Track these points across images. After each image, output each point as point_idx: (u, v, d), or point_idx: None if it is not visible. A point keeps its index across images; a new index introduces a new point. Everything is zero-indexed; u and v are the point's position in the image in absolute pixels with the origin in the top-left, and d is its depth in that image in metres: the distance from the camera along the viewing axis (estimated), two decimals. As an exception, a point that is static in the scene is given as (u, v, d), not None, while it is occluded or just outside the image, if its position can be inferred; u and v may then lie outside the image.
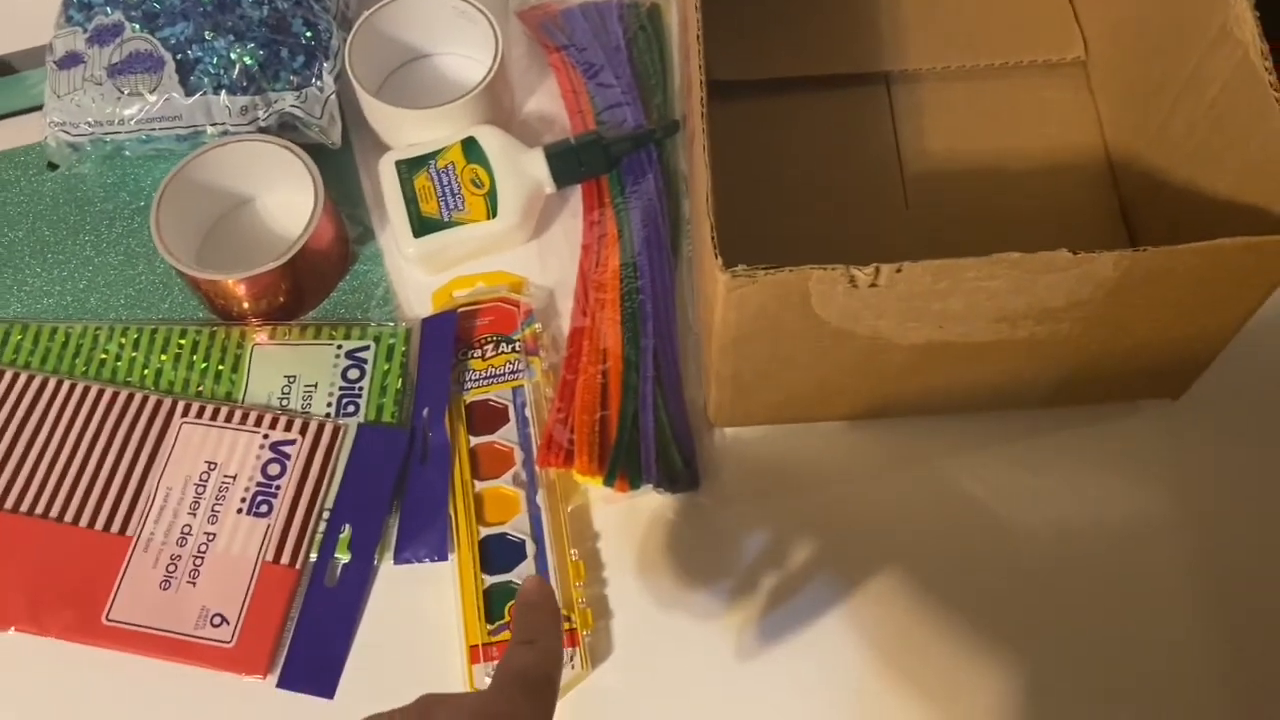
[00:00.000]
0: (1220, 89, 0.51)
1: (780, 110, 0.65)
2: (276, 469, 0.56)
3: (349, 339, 0.60)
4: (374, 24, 0.65)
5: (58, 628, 0.53)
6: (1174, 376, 0.55)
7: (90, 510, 0.55)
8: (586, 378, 0.57)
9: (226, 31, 0.62)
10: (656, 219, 0.61)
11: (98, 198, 0.66)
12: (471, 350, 0.59)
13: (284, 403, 0.58)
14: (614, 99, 0.66)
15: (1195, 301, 0.47)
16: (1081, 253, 0.43)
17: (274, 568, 0.54)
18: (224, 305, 0.60)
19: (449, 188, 0.61)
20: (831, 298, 0.45)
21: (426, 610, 0.53)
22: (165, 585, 0.53)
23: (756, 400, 0.55)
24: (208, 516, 0.55)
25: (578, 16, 0.69)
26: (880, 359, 0.50)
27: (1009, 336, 0.49)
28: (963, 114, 0.65)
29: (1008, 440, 0.57)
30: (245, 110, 0.62)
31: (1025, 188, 0.63)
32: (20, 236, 0.65)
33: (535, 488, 0.55)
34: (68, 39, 0.63)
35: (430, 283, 0.62)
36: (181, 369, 0.60)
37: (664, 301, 0.59)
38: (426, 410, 0.57)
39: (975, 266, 0.44)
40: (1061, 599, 0.53)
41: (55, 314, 0.62)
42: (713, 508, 0.55)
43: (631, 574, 0.54)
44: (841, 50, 0.66)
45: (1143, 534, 0.54)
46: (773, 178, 0.63)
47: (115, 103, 0.61)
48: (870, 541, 0.54)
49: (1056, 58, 0.66)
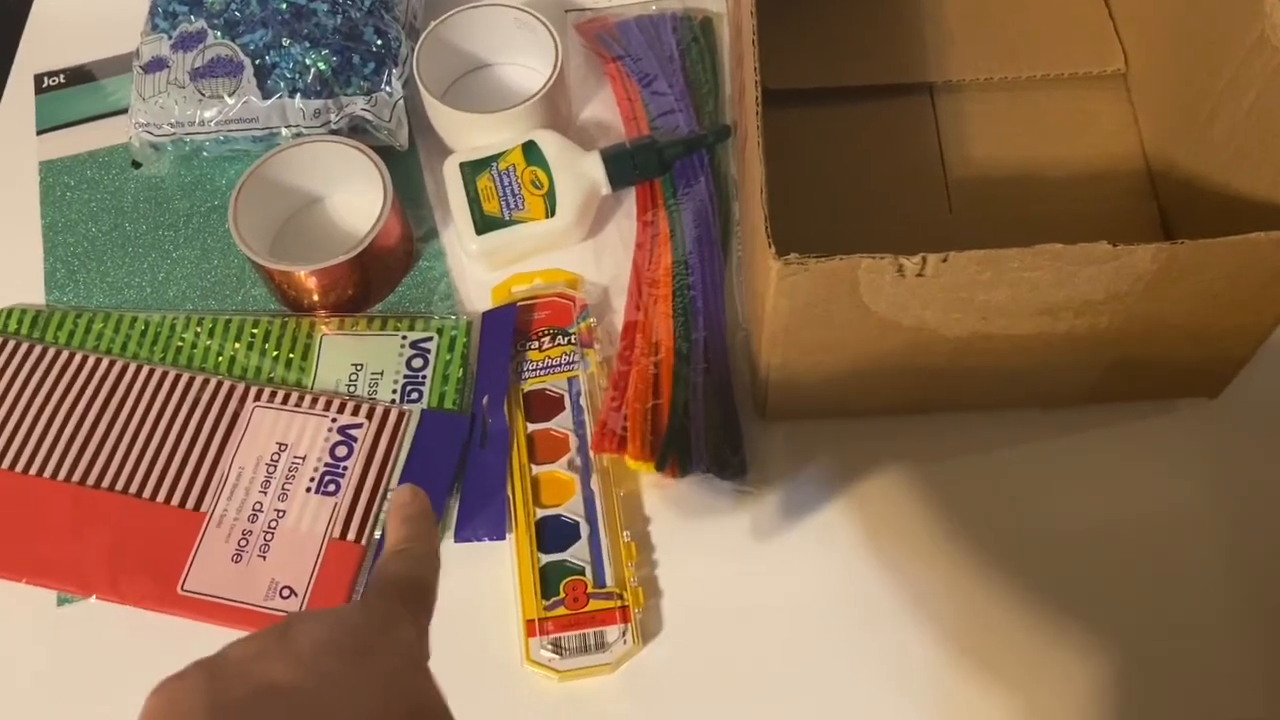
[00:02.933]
0: (1258, 95, 0.52)
1: (828, 119, 0.67)
2: (344, 451, 0.59)
3: (413, 330, 0.63)
4: (440, 34, 0.68)
5: (136, 596, 0.56)
6: (1211, 374, 0.57)
7: (168, 487, 0.58)
8: (640, 369, 0.59)
9: (302, 38, 0.65)
10: (708, 219, 0.64)
11: (176, 196, 0.69)
12: (529, 342, 0.62)
13: (351, 389, 0.61)
14: (667, 106, 0.68)
15: (1231, 296, 0.49)
16: (1120, 245, 0.45)
17: (340, 544, 0.56)
18: (295, 296, 0.64)
19: (510, 188, 0.64)
20: (880, 287, 0.48)
21: (485, 586, 0.56)
22: (237, 559, 0.56)
23: (803, 392, 0.57)
24: (278, 495, 0.58)
25: (633, 28, 0.72)
26: (925, 351, 0.52)
27: (1050, 329, 0.51)
28: (1005, 123, 0.67)
29: (1048, 436, 0.58)
30: (318, 113, 0.65)
31: (1065, 195, 0.64)
32: (104, 231, 0.68)
33: (589, 472, 0.58)
34: (154, 45, 0.67)
35: (490, 279, 0.65)
36: (254, 356, 0.63)
37: (714, 298, 0.62)
38: (486, 398, 0.60)
39: (1018, 257, 0.46)
40: (1099, 595, 0.54)
41: (135, 304, 0.66)
42: (760, 495, 0.57)
43: (681, 556, 0.56)
44: (887, 62, 0.69)
45: (1181, 531, 0.56)
46: (820, 183, 0.65)
47: (197, 105, 0.65)
48: (911, 533, 0.56)
49: (1097, 70, 0.68)
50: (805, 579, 0.55)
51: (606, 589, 0.54)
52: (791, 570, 0.56)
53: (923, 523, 0.57)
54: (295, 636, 0.33)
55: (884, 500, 0.57)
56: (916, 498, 0.57)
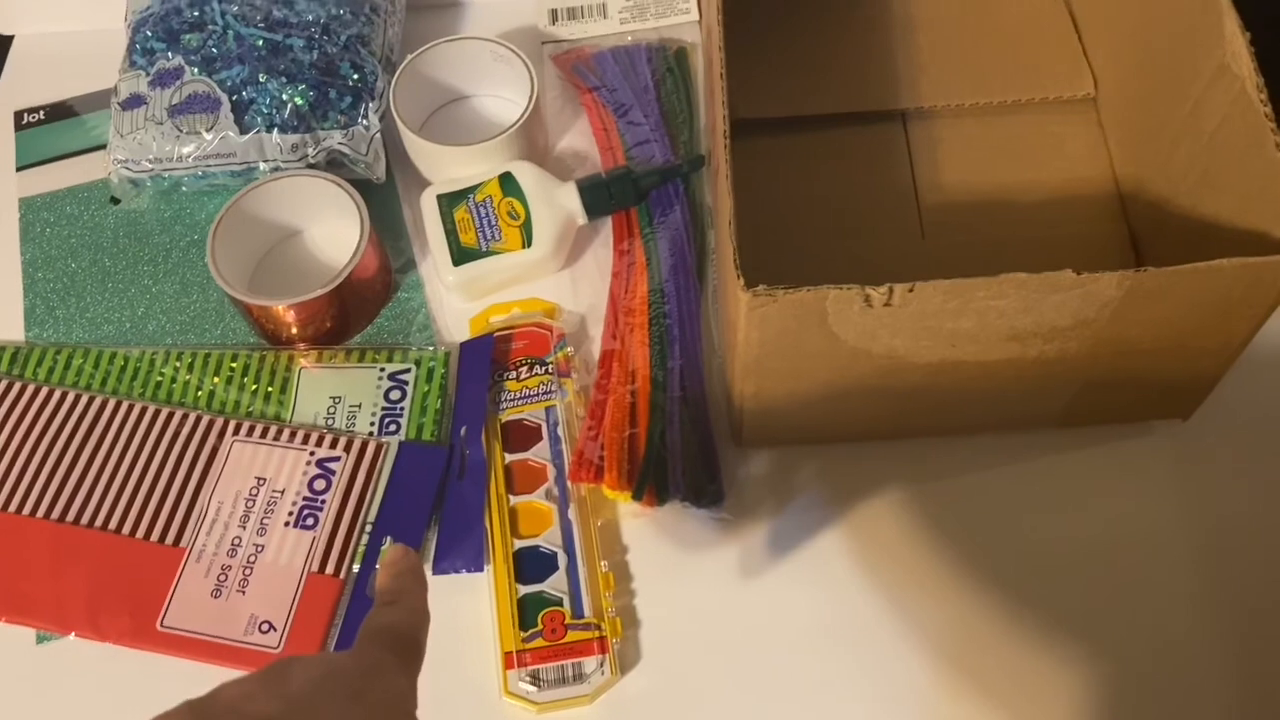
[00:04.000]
0: (1220, 122, 0.53)
1: (801, 146, 0.68)
2: (322, 484, 0.59)
3: (391, 362, 0.63)
4: (417, 67, 0.69)
5: (115, 633, 0.56)
6: (1182, 396, 0.57)
7: (147, 523, 0.58)
8: (616, 397, 0.60)
9: (279, 74, 0.65)
10: (683, 248, 0.64)
11: (155, 230, 0.70)
12: (507, 372, 0.62)
13: (329, 422, 0.61)
14: (643, 136, 0.69)
15: (1197, 321, 0.50)
16: (1085, 273, 0.46)
17: (319, 578, 0.56)
18: (273, 330, 0.64)
19: (487, 219, 0.65)
20: (848, 317, 0.48)
21: (463, 618, 0.56)
22: (216, 594, 0.56)
23: (778, 419, 0.57)
24: (257, 529, 0.58)
25: (608, 59, 0.73)
26: (897, 378, 0.53)
27: (1019, 355, 0.51)
28: (977, 149, 0.68)
29: (1024, 459, 0.59)
30: (295, 148, 0.65)
31: (1038, 219, 0.65)
32: (83, 267, 0.69)
33: (567, 502, 0.58)
34: (131, 81, 0.67)
35: (468, 309, 0.66)
36: (233, 390, 0.63)
37: (690, 326, 0.62)
38: (464, 429, 0.60)
39: (984, 286, 0.46)
40: (1073, 618, 0.54)
41: (115, 339, 0.66)
42: (737, 522, 0.58)
43: (659, 585, 0.56)
44: (859, 89, 0.69)
45: (1158, 549, 0.56)
46: (793, 210, 0.66)
47: (175, 141, 0.65)
48: (889, 556, 0.56)
49: (1067, 94, 0.68)
50: (784, 605, 0.56)
51: (584, 620, 0.54)
52: (770, 597, 0.56)
53: (901, 546, 0.57)
54: (287, 679, 0.33)
55: (862, 525, 0.57)
56: (894, 522, 0.58)
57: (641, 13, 0.75)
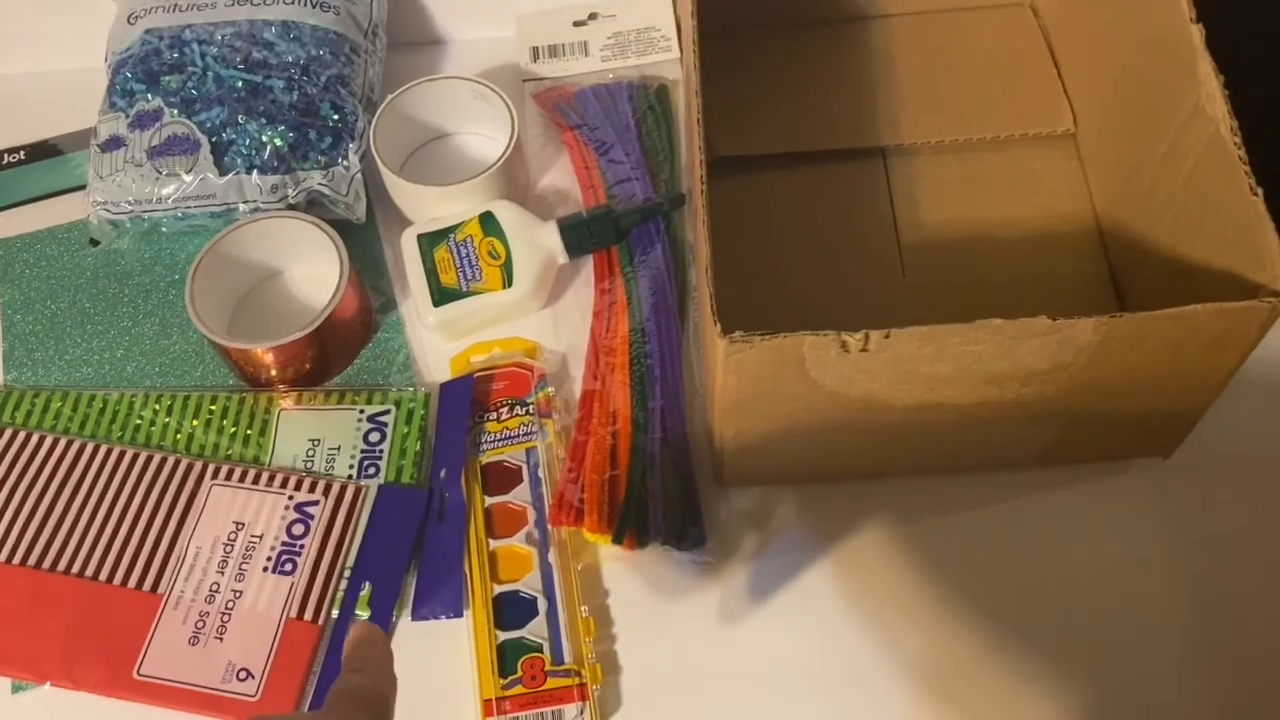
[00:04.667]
0: (1195, 162, 0.53)
1: (781, 183, 0.68)
2: (301, 529, 0.59)
3: (371, 404, 0.63)
4: (397, 106, 0.69)
5: (91, 682, 0.55)
6: (1162, 436, 0.57)
7: (124, 569, 0.58)
8: (597, 439, 0.59)
9: (259, 115, 0.65)
10: (664, 287, 0.64)
11: (135, 271, 0.70)
12: (487, 413, 0.62)
13: (309, 465, 0.61)
14: (624, 174, 0.69)
15: (1174, 364, 0.50)
16: (1060, 319, 0.46)
17: (298, 624, 0.56)
18: (253, 372, 0.64)
19: (467, 259, 0.65)
20: (825, 362, 0.48)
21: (442, 665, 0.55)
22: (194, 641, 0.56)
23: (759, 460, 0.57)
24: (235, 575, 0.57)
25: (590, 97, 0.73)
26: (875, 420, 0.53)
27: (997, 398, 0.51)
28: (957, 185, 0.68)
29: (1005, 498, 0.58)
30: (275, 189, 0.65)
31: (1019, 255, 0.65)
32: (62, 308, 0.68)
33: (547, 546, 0.58)
34: (111, 123, 0.67)
35: (449, 349, 0.66)
36: (212, 433, 0.63)
37: (671, 365, 0.62)
38: (444, 471, 0.60)
39: (960, 332, 0.46)
40: (1054, 657, 0.54)
41: (94, 381, 0.66)
42: (719, 565, 0.57)
43: (640, 630, 0.56)
44: (839, 126, 0.70)
45: (1139, 586, 0.56)
46: (775, 247, 0.66)
47: (154, 183, 0.65)
48: (872, 597, 0.56)
49: (1047, 130, 0.69)
50: (768, 648, 0.55)
51: (565, 666, 0.54)
52: (754, 640, 0.55)
53: (883, 585, 0.57)
54: None
55: (844, 565, 0.57)
56: (875, 561, 0.57)
57: (623, 50, 0.75)
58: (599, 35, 0.76)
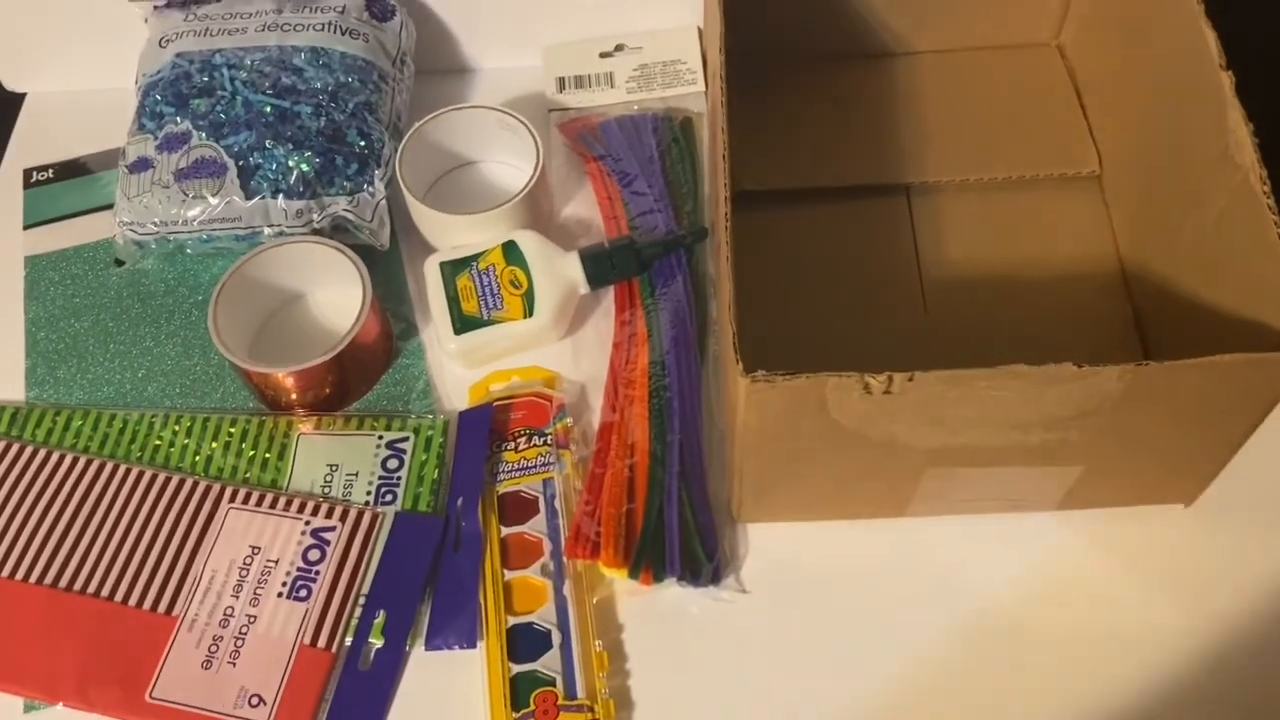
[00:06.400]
0: (1222, 209, 0.53)
1: (805, 219, 0.68)
2: (316, 555, 0.59)
3: (390, 430, 0.63)
4: (423, 134, 0.69)
5: (104, 704, 0.55)
6: (1184, 483, 0.57)
7: (139, 591, 0.58)
8: (614, 472, 0.59)
9: (286, 140, 0.66)
10: (685, 320, 0.64)
11: (159, 292, 0.70)
12: (505, 442, 0.62)
13: (326, 490, 0.61)
14: (647, 206, 0.69)
15: (1200, 413, 0.49)
16: (1086, 366, 0.45)
17: (311, 650, 0.56)
18: (273, 396, 0.64)
19: (489, 288, 0.65)
20: (847, 403, 0.48)
21: (454, 696, 0.55)
22: (207, 665, 0.56)
23: (778, 498, 0.57)
24: (250, 599, 0.57)
25: (614, 129, 0.73)
26: (896, 461, 0.52)
27: (1020, 443, 0.51)
28: (981, 224, 0.68)
29: (1021, 543, 0.58)
30: (300, 213, 0.66)
31: (1042, 295, 0.65)
32: (86, 327, 0.69)
33: (563, 578, 0.57)
34: (139, 145, 0.68)
35: (468, 377, 0.66)
36: (230, 456, 0.63)
37: (690, 399, 0.62)
38: (461, 500, 0.60)
39: (985, 377, 0.46)
40: (1074, 701, 0.54)
41: (114, 401, 0.66)
42: (734, 601, 0.57)
43: (654, 666, 0.56)
44: (864, 162, 0.70)
45: (1154, 638, 0.55)
46: (798, 283, 0.66)
47: (180, 205, 0.66)
48: (886, 637, 0.56)
49: (1072, 172, 0.69)
50: (782, 687, 0.55)
51: (577, 701, 0.54)
52: (767, 676, 0.55)
53: (897, 627, 0.56)
54: None
55: (859, 605, 0.57)
56: (891, 601, 0.57)
57: (648, 82, 0.75)
58: (625, 67, 0.76)
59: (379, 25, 0.72)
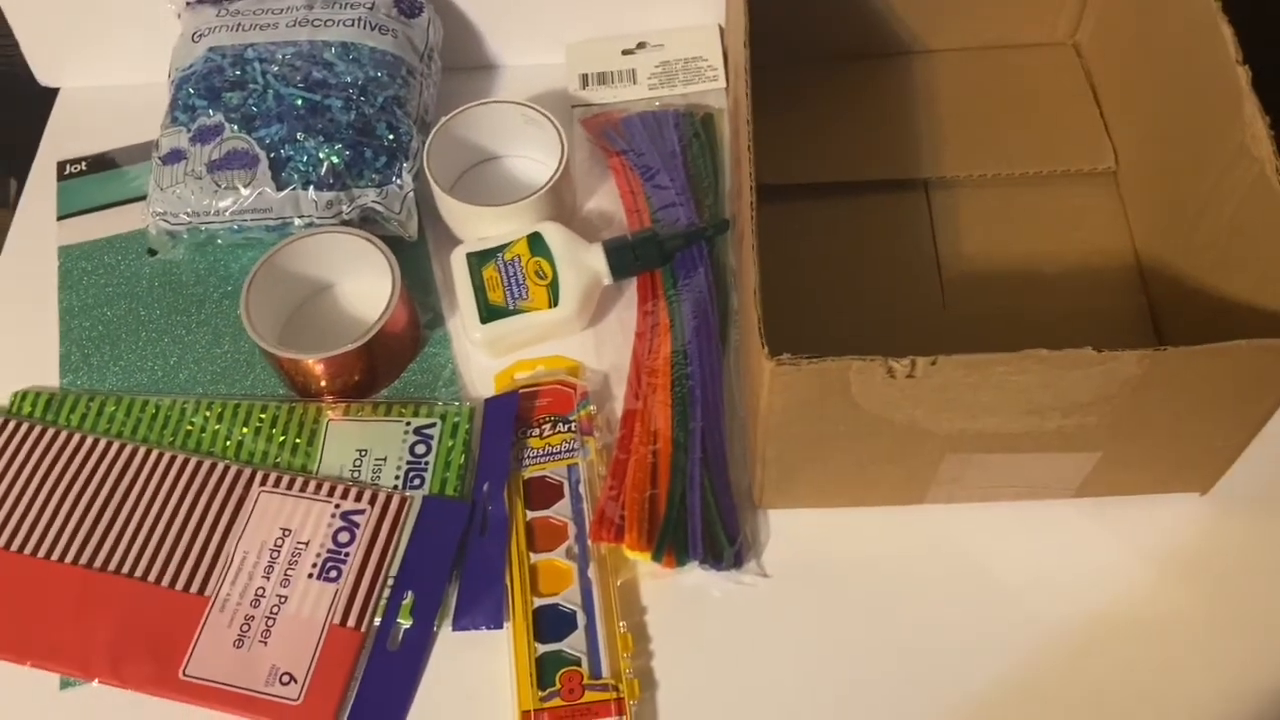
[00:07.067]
0: (1239, 203, 0.54)
1: (825, 213, 0.69)
2: (346, 537, 0.60)
3: (417, 416, 0.64)
4: (450, 128, 0.71)
5: (137, 680, 0.56)
6: (1201, 470, 0.57)
7: (172, 571, 0.59)
8: (638, 457, 0.60)
9: (317, 133, 0.67)
10: (706, 310, 0.65)
11: (190, 281, 0.71)
12: (530, 429, 0.63)
13: (355, 475, 0.62)
14: (669, 199, 0.70)
15: (1217, 398, 0.50)
16: (1105, 351, 0.46)
17: (341, 630, 0.57)
18: (303, 383, 0.65)
19: (515, 278, 0.66)
20: (870, 387, 0.49)
21: (481, 676, 0.56)
22: (239, 644, 0.57)
23: (799, 483, 0.58)
24: (280, 580, 0.59)
25: (636, 124, 0.74)
26: (916, 446, 0.53)
27: (1039, 428, 0.52)
28: (998, 219, 0.69)
29: (1038, 530, 0.59)
30: (330, 204, 0.67)
31: (1058, 290, 0.66)
32: (119, 315, 0.70)
33: (587, 561, 0.58)
34: (173, 137, 0.69)
35: (494, 365, 0.67)
36: (261, 441, 0.64)
37: (712, 387, 0.63)
38: (487, 485, 0.61)
39: (1005, 361, 0.47)
40: (1088, 687, 0.54)
41: (147, 388, 0.67)
42: (755, 585, 0.58)
43: (677, 647, 0.57)
44: (883, 158, 0.71)
45: (1170, 625, 0.56)
46: (817, 276, 0.67)
47: (213, 195, 0.67)
48: (906, 622, 0.57)
49: (1089, 167, 0.69)
50: (803, 669, 0.56)
51: (602, 680, 0.55)
52: (789, 660, 0.56)
53: (918, 612, 0.57)
54: None
55: (879, 590, 0.58)
56: (911, 587, 0.58)
57: (670, 79, 0.77)
58: (647, 64, 0.78)
59: (407, 21, 0.73)
